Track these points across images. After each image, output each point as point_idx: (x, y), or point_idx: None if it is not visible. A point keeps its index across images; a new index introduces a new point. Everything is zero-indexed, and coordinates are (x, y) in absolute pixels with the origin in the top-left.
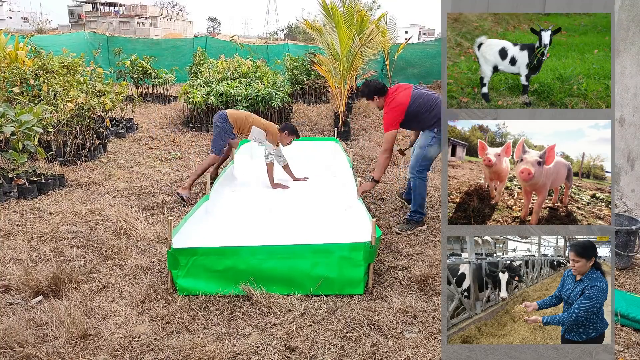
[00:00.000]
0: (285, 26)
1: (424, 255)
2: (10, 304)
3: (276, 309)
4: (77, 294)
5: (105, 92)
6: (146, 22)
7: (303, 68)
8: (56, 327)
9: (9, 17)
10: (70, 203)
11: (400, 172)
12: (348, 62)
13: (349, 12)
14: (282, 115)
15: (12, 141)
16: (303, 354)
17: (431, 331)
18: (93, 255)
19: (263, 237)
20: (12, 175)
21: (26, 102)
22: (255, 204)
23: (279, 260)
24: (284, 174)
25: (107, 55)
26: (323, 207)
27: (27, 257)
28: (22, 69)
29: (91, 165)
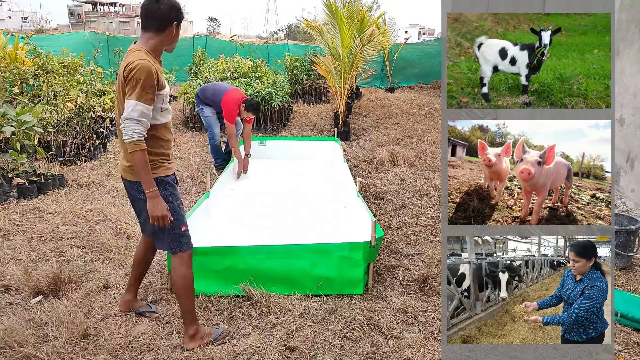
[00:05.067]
0: (285, 26)
1: (424, 255)
2: (10, 304)
3: (276, 309)
4: (77, 294)
5: (105, 91)
6: None
7: (303, 68)
8: (56, 327)
9: (9, 17)
10: (70, 203)
11: (400, 172)
12: (349, 62)
13: (349, 12)
14: (282, 115)
15: (12, 141)
16: (303, 353)
17: (431, 331)
18: (93, 255)
19: (263, 237)
20: (12, 175)
21: (26, 102)
22: (255, 203)
23: (279, 260)
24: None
25: (107, 55)
26: (323, 207)
27: (27, 257)
28: (22, 68)
29: (91, 165)
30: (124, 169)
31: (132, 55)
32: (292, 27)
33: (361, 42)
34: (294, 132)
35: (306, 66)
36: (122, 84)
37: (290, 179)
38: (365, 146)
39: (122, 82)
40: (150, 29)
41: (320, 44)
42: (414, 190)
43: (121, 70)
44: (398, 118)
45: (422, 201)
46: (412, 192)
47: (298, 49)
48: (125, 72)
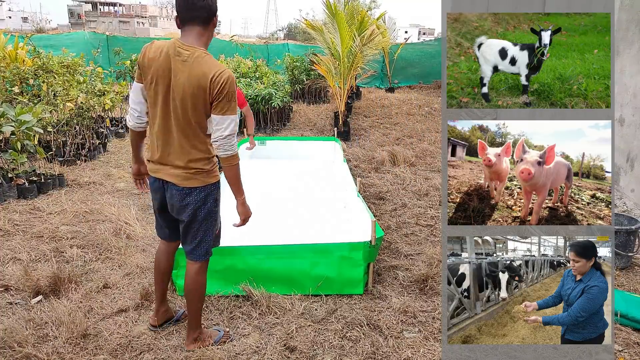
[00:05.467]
0: (285, 26)
1: (424, 255)
2: (10, 304)
3: (276, 309)
4: (77, 294)
5: (105, 91)
6: (146, 22)
7: (303, 68)
8: (56, 327)
9: (9, 17)
10: (70, 203)
11: (400, 172)
12: (349, 61)
13: (349, 12)
14: (282, 115)
15: (12, 141)
16: (303, 353)
17: (431, 331)
18: (93, 255)
19: (263, 237)
20: (12, 175)
21: (26, 101)
22: (255, 203)
23: (279, 260)
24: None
25: (107, 55)
26: (323, 207)
27: (27, 257)
28: (22, 68)
29: (91, 165)
30: (179, 175)
31: (204, 61)
32: (292, 27)
33: (361, 42)
34: (294, 132)
35: (306, 66)
36: (198, 96)
37: (290, 179)
38: (365, 146)
39: (202, 95)
40: (195, 22)
41: (320, 43)
42: (414, 190)
43: (190, 80)
44: (398, 118)
45: (422, 201)
46: (412, 192)
47: (298, 49)
48: (215, 86)
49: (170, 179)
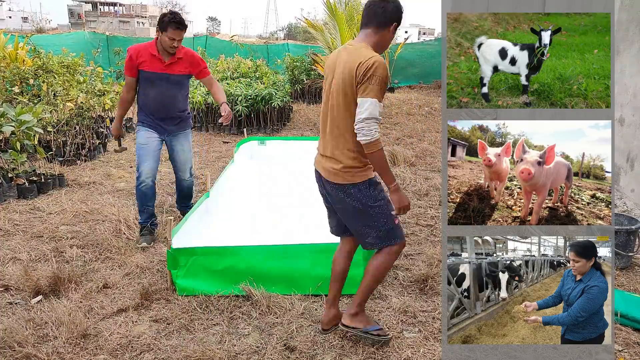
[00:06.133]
0: (285, 26)
1: (424, 255)
2: (10, 304)
3: (276, 309)
4: (77, 294)
5: (105, 91)
6: (146, 21)
7: (303, 68)
8: (56, 327)
9: (9, 17)
10: (70, 203)
11: (400, 172)
12: None
13: (349, 12)
14: (282, 115)
15: (11, 141)
16: (303, 353)
17: (431, 331)
18: (93, 255)
19: (263, 237)
20: (12, 175)
21: (26, 101)
22: (255, 203)
23: (279, 260)
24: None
25: (107, 55)
26: (323, 207)
27: (27, 257)
28: (22, 68)
29: (91, 165)
30: (333, 171)
31: (360, 52)
32: (292, 27)
33: None
34: (294, 132)
35: (306, 66)
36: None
37: (290, 178)
38: None
39: (350, 81)
40: (370, 25)
41: (320, 43)
42: (414, 190)
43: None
44: (398, 118)
45: (422, 201)
46: (412, 192)
47: (298, 49)
48: (362, 69)
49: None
